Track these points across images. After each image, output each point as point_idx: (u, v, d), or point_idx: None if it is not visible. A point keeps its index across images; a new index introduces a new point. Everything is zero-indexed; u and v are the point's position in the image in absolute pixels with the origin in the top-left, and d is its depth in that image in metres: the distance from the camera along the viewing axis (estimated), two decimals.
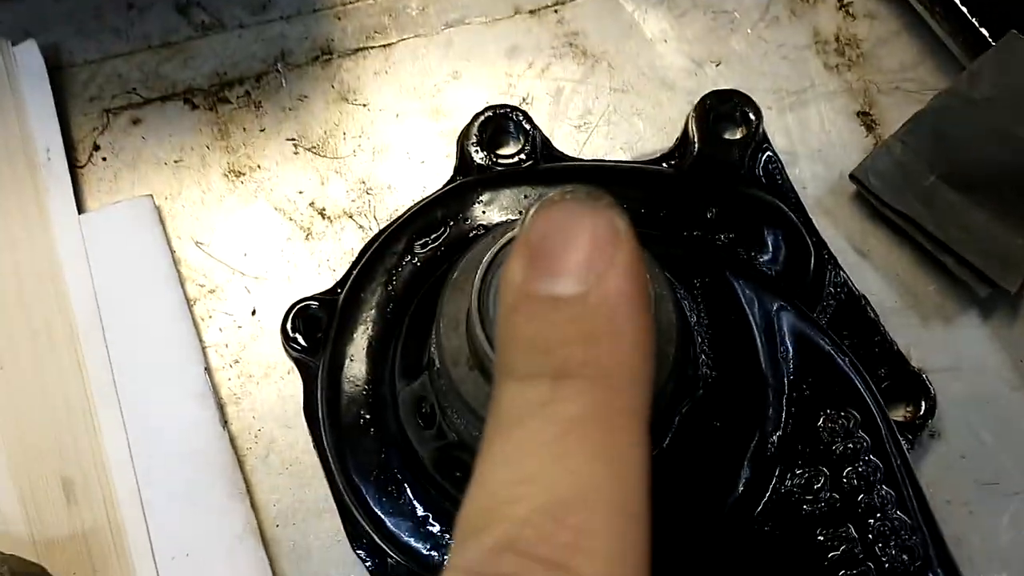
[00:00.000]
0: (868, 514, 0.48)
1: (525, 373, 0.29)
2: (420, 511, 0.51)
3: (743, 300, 0.52)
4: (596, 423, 0.28)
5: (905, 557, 0.48)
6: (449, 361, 0.42)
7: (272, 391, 0.59)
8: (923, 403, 0.57)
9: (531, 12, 0.67)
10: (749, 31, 0.68)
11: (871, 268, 0.62)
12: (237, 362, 0.59)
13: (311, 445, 0.57)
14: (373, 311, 0.55)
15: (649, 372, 0.30)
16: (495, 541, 0.26)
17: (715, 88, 0.63)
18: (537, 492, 0.27)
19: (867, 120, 0.66)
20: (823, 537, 0.48)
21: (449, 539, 0.51)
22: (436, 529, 0.51)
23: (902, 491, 0.49)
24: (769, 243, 0.56)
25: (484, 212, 0.56)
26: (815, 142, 0.65)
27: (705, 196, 0.57)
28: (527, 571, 0.26)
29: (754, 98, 0.62)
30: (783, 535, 0.48)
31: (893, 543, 0.48)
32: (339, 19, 0.67)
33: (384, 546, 0.52)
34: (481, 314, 0.38)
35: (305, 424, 0.57)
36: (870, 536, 0.48)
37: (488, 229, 0.55)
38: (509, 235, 0.39)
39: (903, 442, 0.55)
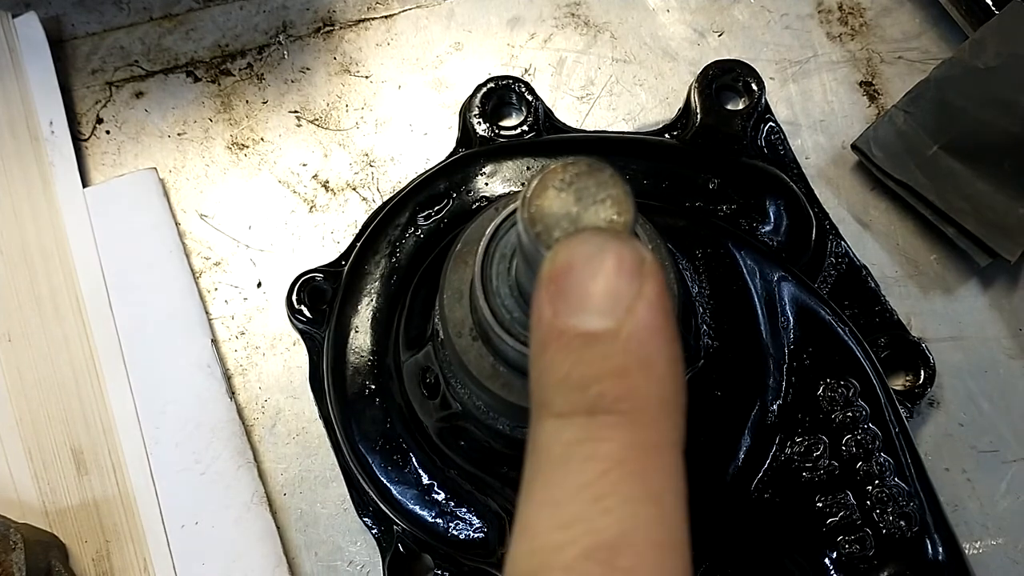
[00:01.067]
0: (866, 481, 0.49)
1: (560, 411, 0.29)
2: (425, 479, 0.52)
3: (744, 271, 0.52)
4: (633, 461, 0.28)
5: (903, 523, 0.48)
6: (453, 332, 0.42)
7: (278, 362, 0.59)
8: (922, 372, 0.58)
9: None
10: (752, 0, 0.67)
11: (872, 238, 0.62)
12: (243, 334, 0.60)
13: (317, 415, 0.58)
14: (377, 283, 0.55)
15: (682, 400, 0.30)
16: None
17: (717, 58, 0.63)
18: (581, 536, 0.27)
19: (870, 90, 0.66)
20: (822, 504, 0.49)
21: (454, 506, 0.52)
22: (441, 497, 0.51)
23: (900, 459, 0.50)
24: (771, 214, 0.56)
25: (487, 184, 0.56)
26: (817, 112, 0.65)
27: (707, 167, 0.57)
28: None
29: (757, 68, 0.62)
30: (783, 502, 0.49)
31: (891, 509, 0.49)
32: None
33: (390, 513, 0.53)
34: (484, 285, 0.39)
35: (311, 394, 0.58)
36: (868, 503, 0.49)
37: (491, 201, 0.56)
38: (511, 207, 0.39)
39: (902, 410, 0.56)
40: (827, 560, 0.48)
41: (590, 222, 0.31)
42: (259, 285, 0.61)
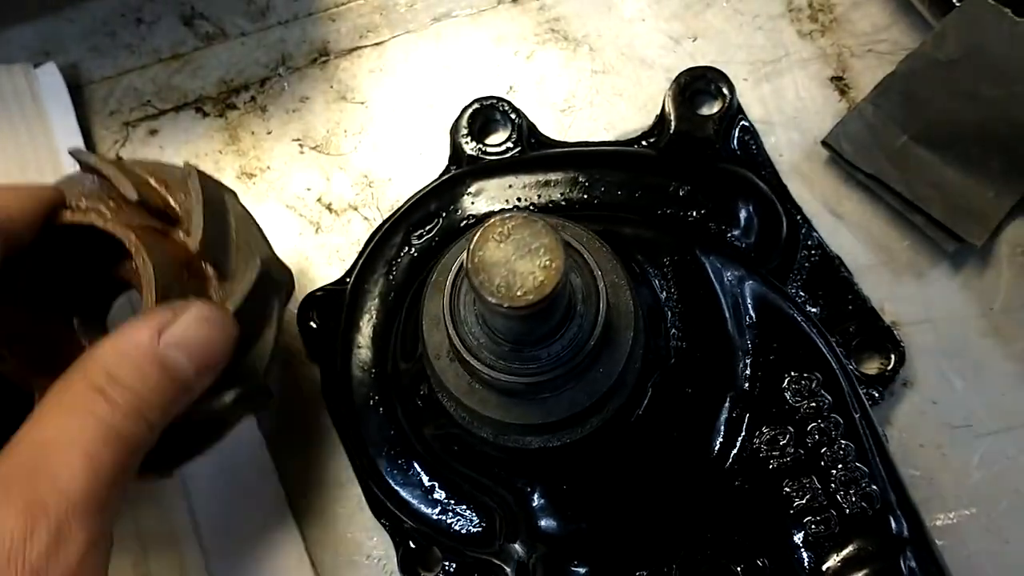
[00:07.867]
0: (830, 466, 0.53)
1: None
2: (427, 480, 0.57)
3: (711, 274, 0.55)
4: None
5: (864, 503, 0.52)
6: (433, 354, 0.47)
7: (295, 375, 0.65)
8: (892, 356, 0.61)
9: (514, 1, 0.71)
10: (724, 4, 0.70)
11: (845, 229, 0.65)
12: None
13: (331, 422, 0.63)
14: (376, 300, 0.60)
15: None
16: None
17: (692, 63, 0.66)
18: None
19: (840, 85, 0.68)
20: (789, 489, 0.53)
21: (454, 504, 0.56)
22: (442, 496, 0.56)
23: (862, 443, 0.53)
24: (741, 216, 0.60)
25: (473, 203, 0.61)
26: (790, 110, 0.68)
27: (679, 174, 0.61)
28: None
29: (730, 70, 0.65)
30: (752, 488, 0.53)
31: (854, 491, 0.52)
32: (333, 20, 0.71)
33: (398, 513, 0.58)
34: (452, 315, 0.43)
35: (325, 404, 0.63)
36: (832, 485, 0.52)
37: (477, 219, 0.60)
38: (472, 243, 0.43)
39: (875, 393, 0.59)
40: (795, 539, 0.52)
41: (525, 269, 0.35)
42: None
